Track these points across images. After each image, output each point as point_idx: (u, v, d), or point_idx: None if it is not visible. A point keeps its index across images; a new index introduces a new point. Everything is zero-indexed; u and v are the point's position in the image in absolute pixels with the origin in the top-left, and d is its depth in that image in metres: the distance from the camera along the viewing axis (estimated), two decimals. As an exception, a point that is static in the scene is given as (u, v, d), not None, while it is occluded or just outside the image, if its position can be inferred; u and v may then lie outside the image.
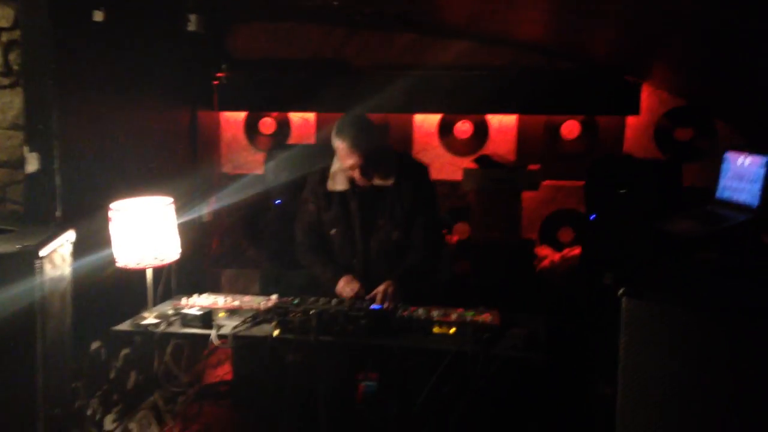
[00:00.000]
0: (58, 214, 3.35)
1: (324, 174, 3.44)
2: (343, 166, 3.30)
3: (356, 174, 3.28)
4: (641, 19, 3.23)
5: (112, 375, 3.71)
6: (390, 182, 3.34)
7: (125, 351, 3.75)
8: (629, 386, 2.28)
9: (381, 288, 3.22)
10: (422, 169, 3.53)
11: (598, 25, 3.68)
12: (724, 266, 2.70)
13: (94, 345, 3.57)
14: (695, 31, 3.10)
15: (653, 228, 3.81)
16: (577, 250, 4.80)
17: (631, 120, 4.88)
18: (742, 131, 4.59)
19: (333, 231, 3.44)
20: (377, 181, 3.34)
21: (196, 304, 3.21)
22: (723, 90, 4.16)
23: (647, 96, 4.80)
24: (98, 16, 3.61)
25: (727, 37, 2.95)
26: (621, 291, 2.24)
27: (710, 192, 3.94)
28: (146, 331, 3.04)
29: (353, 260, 3.42)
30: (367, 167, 3.26)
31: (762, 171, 3.51)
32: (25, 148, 3.34)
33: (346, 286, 3.31)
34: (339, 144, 3.24)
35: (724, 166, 3.88)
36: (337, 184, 3.40)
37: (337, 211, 3.41)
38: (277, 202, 4.49)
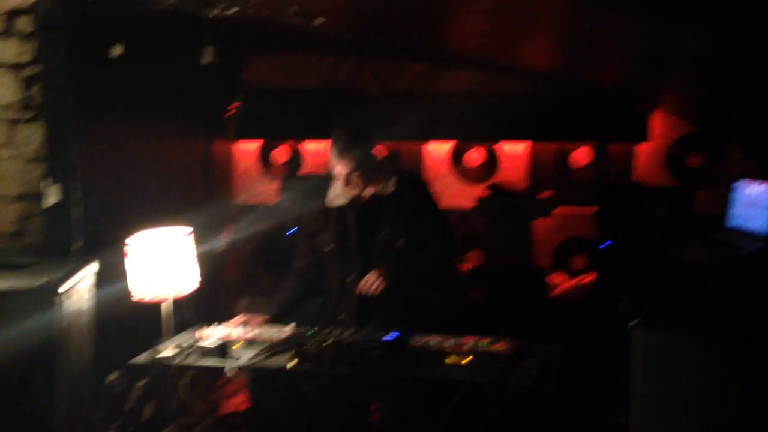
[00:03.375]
0: (77, 246, 3.40)
1: (322, 202, 3.42)
2: (334, 173, 3.26)
3: (344, 182, 3.24)
4: (649, 51, 3.27)
5: (128, 407, 3.74)
6: (389, 190, 3.29)
7: (141, 382, 3.78)
8: (643, 415, 2.29)
9: (367, 276, 3.19)
10: (422, 182, 3.48)
11: (606, 56, 3.72)
12: (737, 295, 2.71)
13: (111, 377, 3.60)
14: (702, 61, 3.13)
15: (666, 255, 3.81)
16: (590, 277, 4.80)
17: (642, 146, 4.90)
18: (753, 157, 4.60)
19: (328, 248, 3.39)
20: (377, 190, 3.30)
21: (212, 335, 3.23)
22: (734, 117, 4.18)
23: (658, 122, 4.83)
24: (117, 50, 3.69)
25: (735, 66, 2.98)
26: (634, 322, 2.26)
27: (722, 218, 3.95)
28: (163, 364, 3.06)
29: (348, 278, 3.33)
30: (354, 174, 3.21)
31: (773, 199, 3.53)
32: (47, 181, 3.40)
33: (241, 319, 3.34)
34: (330, 153, 3.23)
35: (736, 194, 3.89)
36: (336, 199, 3.35)
37: (334, 228, 3.36)
38: (290, 232, 4.53)
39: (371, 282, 3.21)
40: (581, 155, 5.01)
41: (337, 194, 3.36)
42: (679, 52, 3.08)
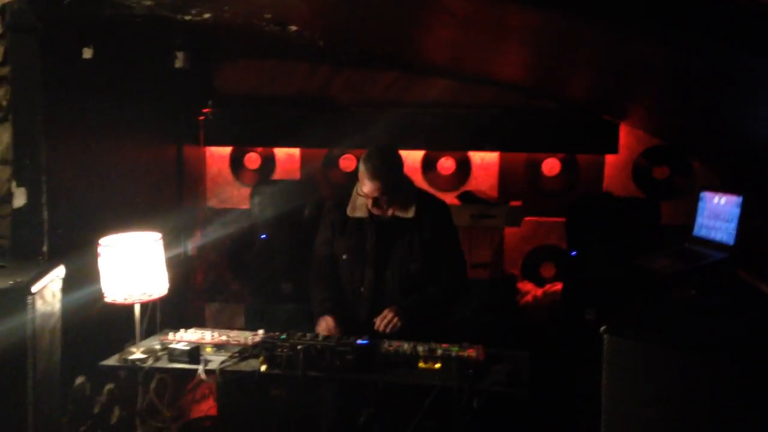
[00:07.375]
0: (44, 249, 3.36)
1: (343, 200, 3.45)
2: (360, 192, 3.32)
3: (369, 203, 3.29)
4: (615, 67, 3.34)
5: (96, 410, 3.69)
6: (410, 214, 3.35)
7: (109, 386, 3.74)
8: (612, 422, 2.32)
9: (383, 313, 3.23)
10: (444, 206, 3.54)
11: (574, 71, 3.79)
12: (702, 304, 2.77)
13: (79, 380, 3.55)
14: (667, 78, 3.21)
15: (633, 265, 3.88)
16: (558, 286, 4.85)
17: (610, 158, 4.98)
18: (715, 171, 4.71)
19: (344, 257, 3.43)
20: (397, 213, 3.35)
21: (183, 338, 3.22)
22: (696, 131, 4.27)
23: (625, 135, 4.91)
24: (87, 53, 3.66)
25: (697, 83, 3.06)
26: (603, 329, 2.30)
27: (687, 229, 4.03)
28: (134, 366, 3.04)
29: (361, 288, 3.39)
30: (381, 198, 3.27)
31: (737, 210, 3.61)
32: (13, 183, 3.36)
33: (324, 327, 3.31)
34: (362, 170, 3.26)
35: (701, 205, 3.97)
36: (357, 210, 3.39)
37: (352, 238, 3.41)
38: (262, 237, 4.52)
39: (388, 320, 3.24)
40: (551, 165, 5.07)
41: (359, 205, 3.38)
42: (646, 68, 3.15)
